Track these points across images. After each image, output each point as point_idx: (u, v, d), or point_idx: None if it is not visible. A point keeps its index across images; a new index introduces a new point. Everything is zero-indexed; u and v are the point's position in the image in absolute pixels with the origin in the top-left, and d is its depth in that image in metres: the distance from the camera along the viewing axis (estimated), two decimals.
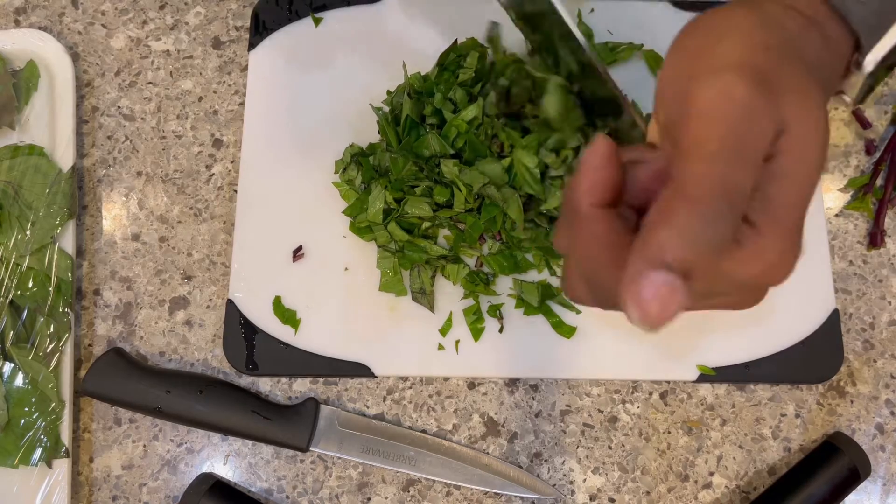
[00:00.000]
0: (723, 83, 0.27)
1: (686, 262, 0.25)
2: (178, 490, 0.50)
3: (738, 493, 0.50)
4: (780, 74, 0.28)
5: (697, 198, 0.25)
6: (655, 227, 0.26)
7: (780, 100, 0.27)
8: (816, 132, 0.27)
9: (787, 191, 0.27)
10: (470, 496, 0.50)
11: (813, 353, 0.51)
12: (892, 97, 0.57)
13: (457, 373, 0.51)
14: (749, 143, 0.26)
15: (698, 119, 0.27)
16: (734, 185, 0.26)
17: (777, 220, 0.27)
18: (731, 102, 0.26)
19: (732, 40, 0.28)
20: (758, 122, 0.26)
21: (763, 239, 0.27)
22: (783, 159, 0.27)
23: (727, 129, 0.26)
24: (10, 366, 0.50)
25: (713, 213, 0.25)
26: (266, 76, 0.56)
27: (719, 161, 0.26)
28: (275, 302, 0.52)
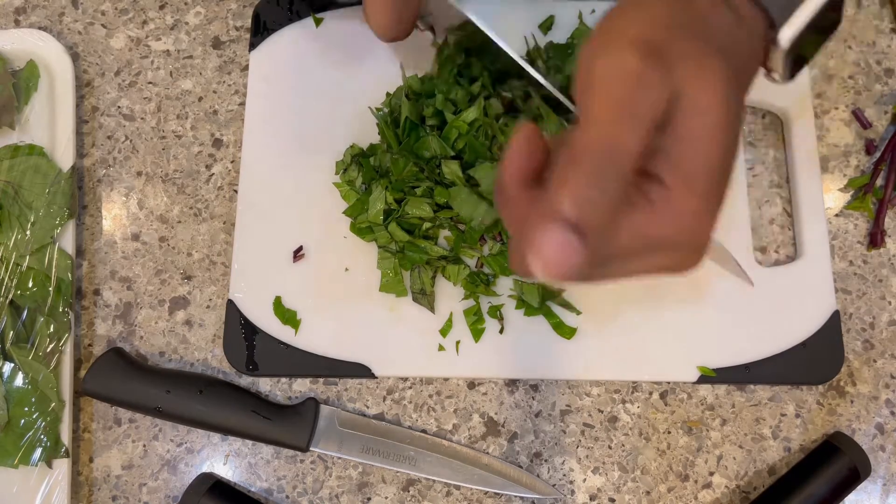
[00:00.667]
0: (615, 55, 0.29)
1: (578, 218, 0.27)
2: (178, 490, 0.50)
3: (738, 493, 0.50)
4: (676, 47, 0.30)
5: (582, 159, 0.28)
6: (550, 188, 0.28)
7: (674, 68, 0.29)
8: (713, 94, 0.29)
9: (690, 149, 0.29)
10: (470, 496, 0.50)
11: (813, 354, 0.51)
12: (892, 97, 0.57)
13: (457, 373, 0.51)
14: (638, 108, 0.28)
15: (591, 89, 0.29)
16: (619, 146, 0.28)
17: (685, 178, 0.29)
18: (619, 72, 0.29)
19: (635, 19, 0.31)
20: (647, 89, 0.29)
21: (673, 196, 0.30)
22: (681, 121, 0.29)
23: (614, 96, 0.28)
24: (10, 366, 0.50)
25: (597, 172, 0.27)
26: (267, 76, 0.56)
27: (604, 125, 0.28)
28: (275, 302, 0.52)
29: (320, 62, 0.56)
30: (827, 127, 0.57)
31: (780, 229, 0.55)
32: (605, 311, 0.51)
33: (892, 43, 0.59)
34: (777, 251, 0.54)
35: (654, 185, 0.30)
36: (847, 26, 0.59)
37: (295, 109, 0.56)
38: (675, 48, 0.30)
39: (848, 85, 0.58)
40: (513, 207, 0.31)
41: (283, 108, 0.56)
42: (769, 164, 0.56)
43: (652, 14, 0.31)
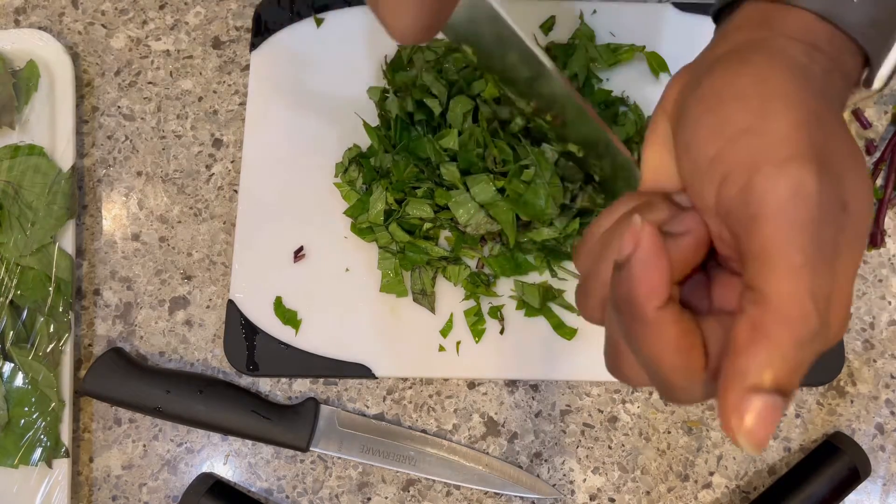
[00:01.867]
0: (791, 177, 0.24)
1: (784, 381, 0.24)
2: (178, 490, 0.50)
3: (738, 493, 0.50)
4: (834, 147, 0.26)
5: (794, 318, 0.24)
6: (750, 350, 0.24)
7: (841, 178, 0.25)
8: (868, 198, 0.26)
9: (847, 267, 0.26)
10: (470, 496, 0.50)
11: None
12: (892, 97, 0.58)
13: (457, 374, 0.51)
14: (826, 238, 0.24)
15: (771, 222, 0.24)
16: (823, 290, 0.24)
17: (839, 298, 0.26)
18: (804, 198, 0.24)
19: (785, 116, 0.26)
20: (828, 212, 0.25)
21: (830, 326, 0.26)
22: (844, 237, 0.25)
23: (807, 232, 0.24)
24: (10, 366, 0.50)
25: (814, 330, 0.24)
26: (268, 77, 0.56)
27: (807, 271, 0.24)
28: (276, 302, 0.52)
29: (321, 62, 0.56)
30: None
31: None
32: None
33: None
34: None
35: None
36: None
37: (296, 110, 0.56)
38: (833, 148, 0.26)
39: None
40: (649, 335, 0.27)
41: (283, 108, 0.56)
42: None
43: (797, 102, 0.26)
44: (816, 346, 0.24)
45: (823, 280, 0.24)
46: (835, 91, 0.29)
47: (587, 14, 0.57)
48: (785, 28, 0.30)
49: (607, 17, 0.57)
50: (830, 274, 0.25)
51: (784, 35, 0.29)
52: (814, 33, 0.29)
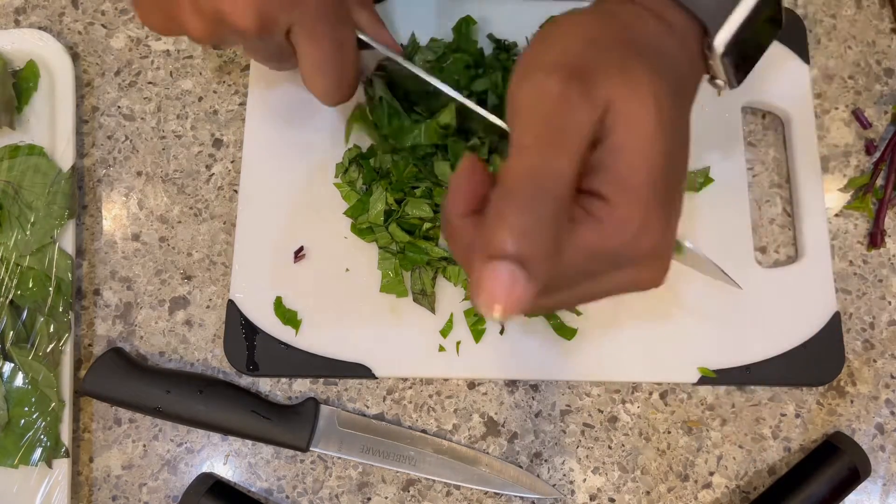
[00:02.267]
0: (534, 82, 0.29)
1: (519, 250, 0.27)
2: (178, 490, 0.50)
3: (738, 493, 0.50)
4: (598, 62, 0.30)
5: (513, 190, 0.28)
6: (487, 223, 0.28)
7: (598, 84, 0.29)
8: (641, 101, 0.29)
9: (626, 160, 0.29)
10: (470, 496, 0.50)
11: (814, 355, 0.51)
12: (892, 97, 0.58)
13: (457, 374, 0.51)
14: (565, 130, 0.28)
15: (515, 117, 0.29)
16: (550, 171, 0.28)
17: (625, 189, 0.29)
18: (541, 97, 0.29)
19: (556, 42, 0.31)
20: (571, 109, 0.28)
21: (617, 209, 0.29)
22: (614, 134, 0.29)
23: (538, 121, 0.28)
24: (10, 366, 0.50)
25: (531, 201, 0.27)
26: (268, 76, 0.56)
27: (532, 152, 0.28)
28: (276, 302, 0.52)
29: None
30: (827, 127, 0.57)
31: (781, 229, 0.55)
32: (605, 313, 0.51)
33: (892, 43, 0.59)
34: (777, 251, 0.54)
35: (597, 201, 0.29)
36: (847, 26, 0.59)
37: (296, 110, 0.56)
38: (597, 63, 0.30)
39: (848, 85, 0.58)
40: (458, 239, 0.31)
41: (284, 108, 0.56)
42: (769, 164, 0.56)
43: (572, 33, 0.31)
44: (548, 211, 0.28)
45: (556, 162, 0.28)
46: (642, 31, 0.33)
47: None
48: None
49: None
50: (567, 159, 0.28)
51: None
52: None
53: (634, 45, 0.32)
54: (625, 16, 0.33)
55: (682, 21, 0.34)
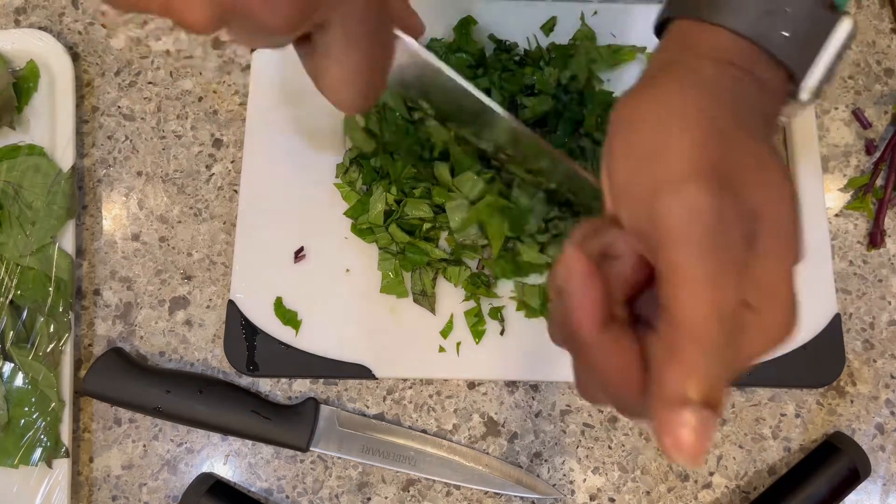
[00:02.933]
0: (687, 199, 0.26)
1: (710, 396, 0.25)
2: (178, 490, 0.50)
3: (738, 493, 0.50)
4: (738, 161, 0.27)
5: (699, 334, 0.25)
6: (667, 369, 0.25)
7: (745, 189, 0.26)
8: (785, 203, 0.27)
9: (774, 269, 0.27)
10: (470, 496, 0.50)
11: (814, 357, 0.50)
12: (892, 97, 0.58)
13: (457, 375, 0.51)
14: (728, 250, 0.25)
15: (673, 243, 0.26)
16: (727, 301, 0.25)
17: (772, 298, 0.27)
18: (700, 218, 0.25)
19: (681, 137, 0.27)
20: (730, 226, 0.26)
21: (764, 319, 0.27)
22: (763, 242, 0.27)
23: (705, 250, 0.25)
24: (10, 366, 0.50)
25: (719, 343, 0.25)
26: (268, 76, 0.56)
27: (706, 287, 0.25)
28: (276, 303, 0.52)
29: None
30: (827, 127, 0.57)
31: None
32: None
33: (892, 43, 0.59)
34: None
35: (745, 310, 0.27)
36: None
37: (297, 110, 0.56)
38: (736, 163, 0.27)
39: (848, 85, 0.58)
40: (590, 357, 0.28)
41: (284, 108, 0.56)
42: None
43: (696, 121, 0.27)
44: (732, 353, 0.25)
45: (728, 291, 0.25)
46: (748, 100, 0.30)
47: (588, 15, 0.57)
48: (698, 46, 0.32)
49: (608, 18, 0.57)
50: (738, 283, 0.25)
51: (696, 53, 0.31)
52: (725, 50, 0.31)
53: (749, 122, 0.29)
54: (726, 83, 0.30)
55: (771, 73, 0.31)
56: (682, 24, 0.33)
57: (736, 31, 0.31)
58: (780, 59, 0.31)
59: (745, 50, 0.31)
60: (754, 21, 0.31)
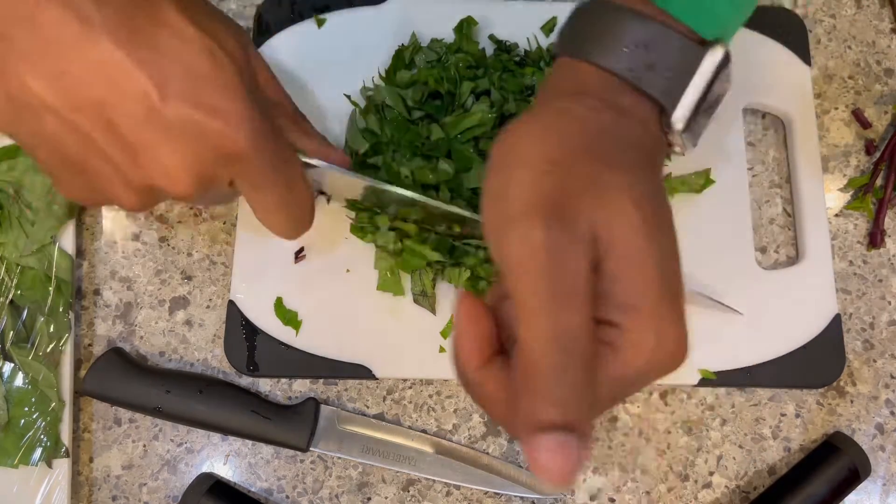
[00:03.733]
0: (519, 234, 0.27)
1: (563, 417, 0.26)
2: (178, 490, 0.50)
3: (738, 493, 0.50)
4: (571, 188, 0.28)
5: (538, 361, 0.26)
6: (521, 395, 0.27)
7: (580, 216, 0.28)
8: (625, 223, 0.28)
9: (627, 285, 0.28)
10: (470, 496, 0.50)
11: (815, 357, 0.51)
12: (892, 97, 0.58)
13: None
14: (567, 280, 0.27)
15: (513, 276, 0.27)
16: (567, 330, 0.26)
17: (633, 312, 0.28)
18: (528, 251, 0.27)
19: (520, 176, 0.29)
20: (565, 256, 0.27)
21: (631, 333, 0.28)
22: (608, 260, 0.28)
23: (535, 279, 0.26)
24: (10, 366, 0.50)
25: (559, 371, 0.26)
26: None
27: (542, 315, 0.26)
28: (276, 303, 0.52)
29: (323, 63, 0.56)
30: (827, 127, 0.57)
31: (781, 229, 0.55)
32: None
33: (892, 43, 0.59)
34: (777, 251, 0.54)
35: (609, 328, 0.28)
36: (847, 26, 0.59)
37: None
38: (570, 190, 0.28)
39: (848, 85, 0.58)
40: (481, 393, 0.30)
41: None
42: (769, 164, 0.56)
43: (532, 157, 0.29)
44: (589, 374, 0.27)
45: (568, 316, 0.26)
46: (604, 128, 0.31)
47: None
48: (560, 83, 0.34)
49: None
50: (581, 306, 0.27)
51: (559, 91, 0.34)
52: (585, 83, 0.33)
53: (597, 149, 0.30)
54: (579, 112, 0.31)
55: (638, 104, 0.33)
56: (560, 62, 0.35)
57: (599, 65, 0.33)
58: (644, 91, 0.33)
59: (607, 81, 0.33)
60: (617, 55, 0.33)
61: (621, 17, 0.33)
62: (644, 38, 0.33)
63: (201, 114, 0.33)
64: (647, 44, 0.33)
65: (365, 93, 0.54)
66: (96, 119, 0.32)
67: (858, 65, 0.58)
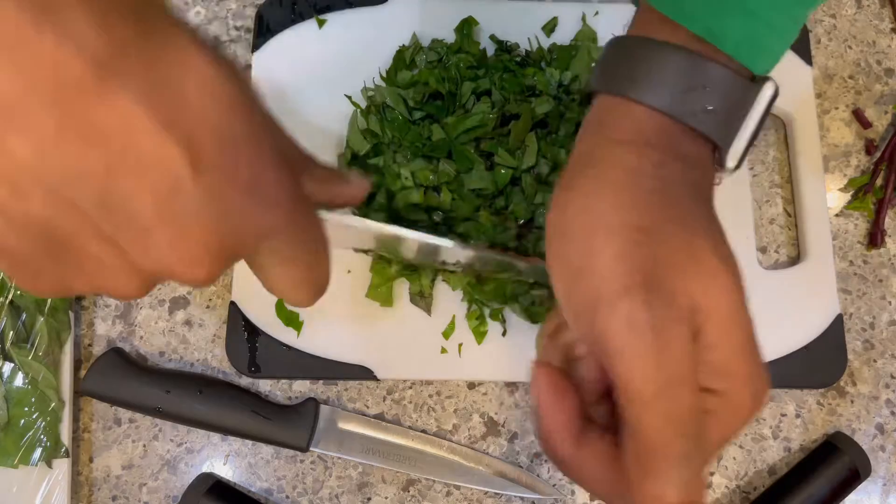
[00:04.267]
0: (621, 315, 0.26)
1: (687, 496, 0.26)
2: (178, 490, 0.50)
3: (738, 493, 0.50)
4: (666, 259, 0.27)
5: (660, 446, 0.26)
6: (640, 482, 0.26)
7: (678, 290, 0.27)
8: (723, 290, 0.28)
9: (729, 350, 0.27)
10: (470, 496, 0.50)
11: (817, 357, 0.50)
12: (892, 97, 0.58)
13: (459, 376, 0.51)
14: (675, 359, 0.26)
15: (618, 359, 0.26)
16: (682, 405, 0.26)
17: (733, 380, 0.27)
18: (639, 333, 0.26)
19: (605, 250, 0.28)
20: (670, 334, 0.26)
21: (731, 400, 0.28)
22: (708, 332, 0.27)
23: (649, 362, 0.26)
24: (10, 366, 0.50)
25: (682, 455, 0.26)
26: (270, 78, 0.56)
27: (659, 401, 0.26)
28: (277, 304, 0.51)
29: (323, 63, 0.56)
30: (827, 127, 0.57)
31: (781, 229, 0.55)
32: None
33: (892, 43, 0.59)
34: (777, 251, 0.54)
35: (709, 396, 0.28)
36: (847, 26, 0.59)
37: (298, 111, 0.56)
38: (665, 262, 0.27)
39: (848, 85, 0.58)
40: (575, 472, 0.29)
41: (286, 110, 0.56)
42: (769, 164, 0.56)
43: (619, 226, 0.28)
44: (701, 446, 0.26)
45: (680, 395, 0.26)
46: (673, 181, 0.30)
47: (589, 16, 0.57)
48: (617, 130, 0.32)
49: (610, 18, 0.57)
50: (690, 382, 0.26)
51: (614, 140, 0.31)
52: (644, 131, 0.31)
53: (680, 213, 0.29)
54: (648, 169, 0.30)
55: (697, 148, 0.32)
56: (605, 99, 0.33)
57: (656, 108, 0.31)
58: (703, 133, 0.31)
59: (666, 127, 0.31)
60: (675, 98, 0.31)
61: (675, 57, 0.31)
62: (702, 79, 0.31)
63: (239, 189, 0.25)
64: (704, 85, 0.31)
65: (366, 93, 0.54)
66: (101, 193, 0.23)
67: (859, 65, 0.58)
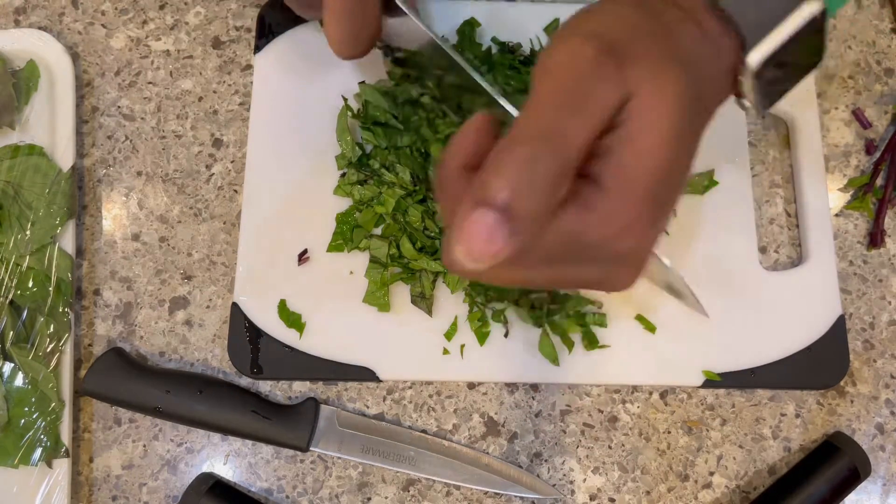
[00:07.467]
0: (570, 44, 0.29)
1: (509, 203, 0.26)
2: (178, 490, 0.50)
3: (738, 493, 0.50)
4: (635, 48, 0.29)
5: (521, 142, 0.27)
6: (482, 169, 0.27)
7: (629, 68, 0.28)
8: (666, 100, 0.29)
9: (634, 153, 0.28)
10: (470, 496, 0.50)
11: (819, 358, 0.50)
12: (892, 97, 0.58)
13: (462, 377, 0.51)
14: (586, 97, 0.28)
15: (541, 78, 0.29)
16: (560, 132, 0.27)
17: (624, 183, 0.28)
18: (573, 60, 0.28)
19: (597, 18, 0.30)
20: (598, 80, 0.28)
21: (610, 201, 0.28)
22: (629, 124, 0.28)
23: (563, 82, 0.28)
24: (10, 366, 0.50)
25: (534, 157, 0.26)
26: (271, 79, 0.56)
27: (548, 109, 0.27)
28: (280, 305, 0.51)
29: (324, 65, 0.56)
30: (827, 127, 0.57)
31: (781, 229, 0.55)
32: (609, 315, 0.51)
33: (892, 43, 0.59)
34: (777, 251, 0.54)
35: (592, 186, 0.29)
36: (847, 26, 0.59)
37: (299, 112, 0.56)
38: (634, 49, 0.29)
39: (848, 85, 0.58)
40: (449, 191, 0.30)
41: (287, 111, 0.56)
42: (769, 164, 0.56)
43: (615, 14, 0.31)
44: (548, 196, 0.27)
45: (569, 124, 0.27)
46: (684, 37, 0.31)
47: None
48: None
49: None
50: (580, 126, 0.27)
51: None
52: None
53: (672, 46, 0.31)
54: (667, 17, 0.32)
55: (721, 31, 0.32)
56: None
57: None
58: (733, 22, 0.32)
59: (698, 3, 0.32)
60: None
61: None
62: None
63: None
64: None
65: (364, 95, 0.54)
66: None
67: (859, 65, 0.58)
